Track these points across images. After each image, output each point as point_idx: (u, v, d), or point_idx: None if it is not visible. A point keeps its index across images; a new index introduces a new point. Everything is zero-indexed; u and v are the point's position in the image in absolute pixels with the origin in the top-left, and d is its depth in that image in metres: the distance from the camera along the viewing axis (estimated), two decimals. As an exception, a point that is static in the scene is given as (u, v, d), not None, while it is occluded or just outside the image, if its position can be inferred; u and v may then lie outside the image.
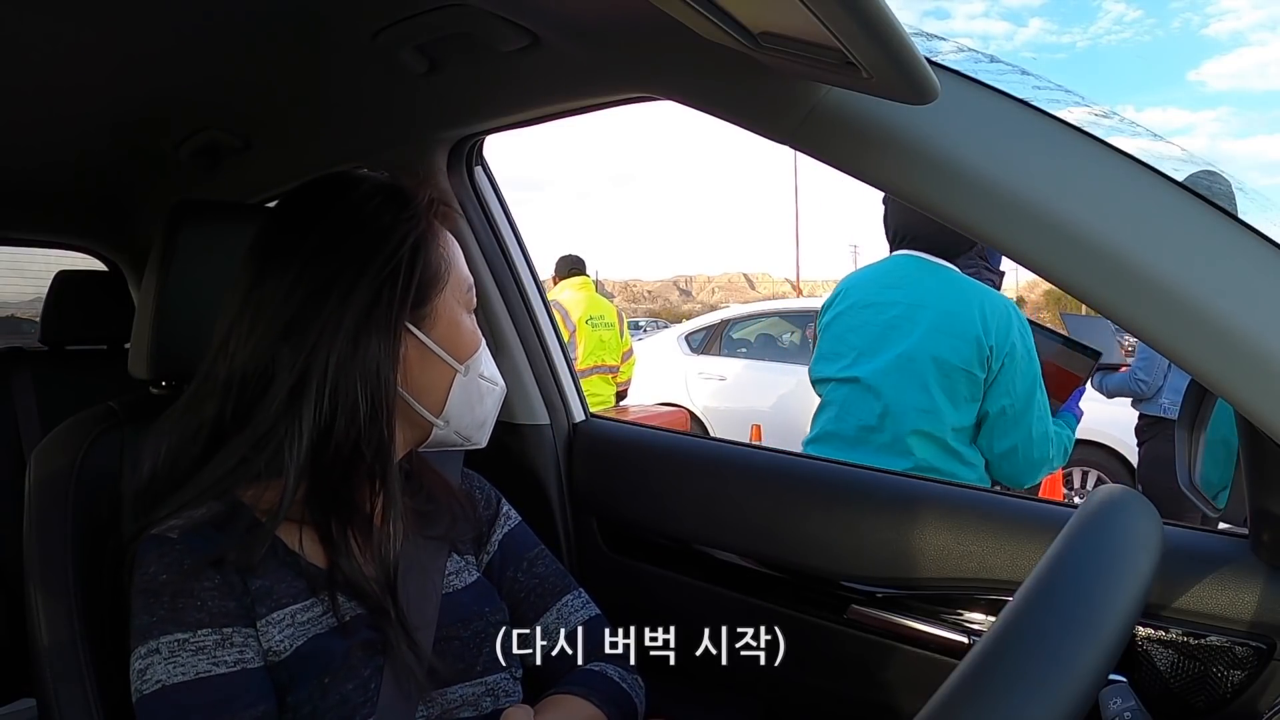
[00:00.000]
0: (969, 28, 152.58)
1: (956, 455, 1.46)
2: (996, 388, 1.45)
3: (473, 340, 0.82)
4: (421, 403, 0.80)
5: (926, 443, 1.46)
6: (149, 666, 0.68)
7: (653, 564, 1.16)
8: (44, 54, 0.99)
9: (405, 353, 0.77)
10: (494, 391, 0.86)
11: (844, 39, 0.51)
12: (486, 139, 1.20)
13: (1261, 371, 0.56)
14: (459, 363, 0.80)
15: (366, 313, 0.74)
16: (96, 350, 1.85)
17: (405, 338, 0.77)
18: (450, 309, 0.80)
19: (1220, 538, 0.82)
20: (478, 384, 0.83)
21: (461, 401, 0.81)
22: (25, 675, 0.84)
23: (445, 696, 0.78)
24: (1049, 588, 0.51)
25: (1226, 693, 0.76)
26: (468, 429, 0.83)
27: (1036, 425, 1.45)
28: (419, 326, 0.78)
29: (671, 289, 58.65)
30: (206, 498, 0.74)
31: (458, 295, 0.81)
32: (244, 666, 0.70)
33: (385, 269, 0.75)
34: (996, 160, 0.63)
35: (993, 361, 1.44)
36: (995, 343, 1.43)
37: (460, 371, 0.81)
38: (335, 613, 0.74)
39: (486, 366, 0.84)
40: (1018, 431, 1.45)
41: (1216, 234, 0.59)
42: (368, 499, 0.77)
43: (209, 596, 0.70)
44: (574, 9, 0.80)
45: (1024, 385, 1.44)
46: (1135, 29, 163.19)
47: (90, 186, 1.62)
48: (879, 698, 0.98)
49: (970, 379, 1.44)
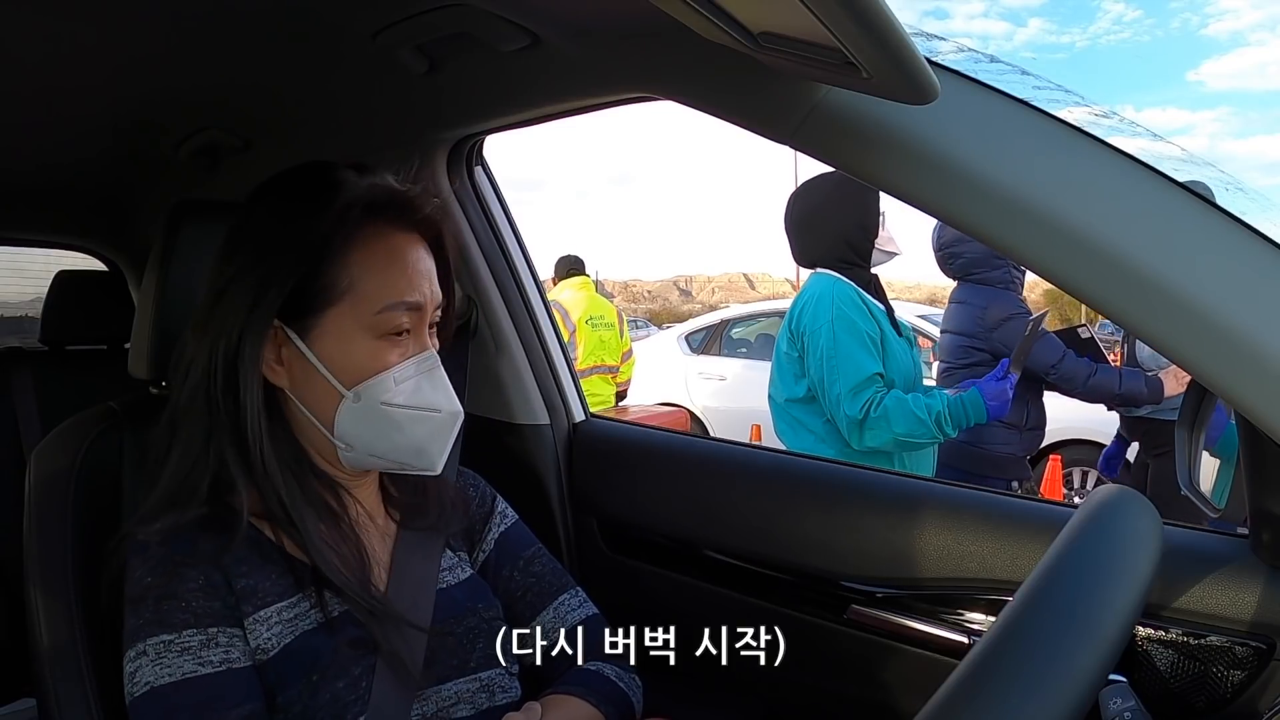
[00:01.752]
0: (968, 28, 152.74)
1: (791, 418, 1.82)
2: (806, 363, 1.75)
3: (367, 365, 0.75)
4: (315, 417, 0.77)
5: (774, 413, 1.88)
6: (138, 669, 0.69)
7: (653, 564, 1.16)
8: (44, 54, 0.99)
9: (289, 357, 0.76)
10: (429, 419, 0.78)
11: (844, 39, 0.51)
12: (486, 139, 1.20)
13: (1261, 371, 0.56)
14: (345, 387, 0.75)
15: (249, 311, 0.74)
16: (96, 350, 1.85)
17: (285, 342, 0.76)
18: (343, 327, 0.75)
19: (1220, 538, 0.82)
20: (381, 412, 0.76)
21: (359, 427, 0.76)
22: (25, 675, 0.84)
23: (440, 693, 0.78)
24: (1049, 588, 0.51)
25: (1226, 693, 0.76)
26: (391, 454, 0.78)
27: (830, 390, 1.69)
28: (303, 337, 0.75)
29: (671, 289, 58.62)
30: (181, 503, 0.74)
31: (360, 317, 0.75)
32: (230, 666, 0.70)
33: (274, 270, 0.74)
34: (996, 160, 0.63)
35: (799, 342, 1.77)
36: (797, 327, 1.76)
37: (348, 397, 0.75)
38: (321, 609, 0.74)
39: (408, 394, 0.76)
40: (824, 398, 1.72)
41: (1216, 234, 0.59)
42: (331, 497, 0.78)
43: (193, 598, 0.71)
44: (574, 9, 0.80)
45: (813, 360, 1.71)
46: (1134, 29, 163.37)
47: (90, 187, 1.62)
48: (879, 698, 0.98)
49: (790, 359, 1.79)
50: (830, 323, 1.69)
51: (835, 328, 1.69)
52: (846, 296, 1.72)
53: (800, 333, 1.76)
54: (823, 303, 1.72)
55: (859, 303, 1.73)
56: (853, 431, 1.67)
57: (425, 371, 0.78)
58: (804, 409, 1.79)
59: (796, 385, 1.79)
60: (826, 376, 1.69)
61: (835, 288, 1.73)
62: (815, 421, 1.77)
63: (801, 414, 1.80)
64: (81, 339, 1.84)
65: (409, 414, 0.77)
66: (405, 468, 0.80)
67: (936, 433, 1.66)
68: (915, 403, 1.65)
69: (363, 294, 0.75)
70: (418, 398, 0.77)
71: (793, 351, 1.79)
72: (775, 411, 1.90)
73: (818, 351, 1.71)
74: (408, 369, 0.77)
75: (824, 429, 1.76)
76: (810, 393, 1.76)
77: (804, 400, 1.79)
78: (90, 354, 1.85)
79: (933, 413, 1.64)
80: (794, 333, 1.79)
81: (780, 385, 1.85)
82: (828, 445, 1.75)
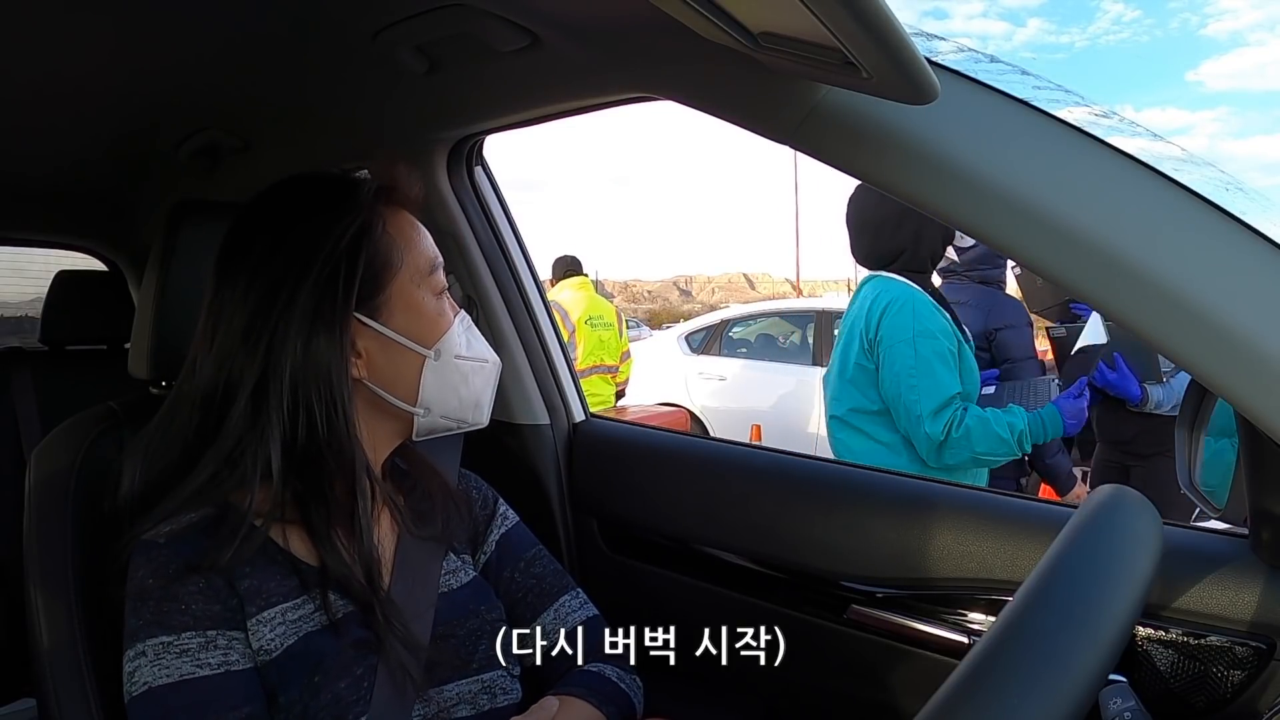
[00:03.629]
0: (967, 28, 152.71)
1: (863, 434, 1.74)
2: (880, 377, 1.69)
3: (439, 323, 0.80)
4: (394, 394, 0.79)
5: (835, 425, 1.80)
6: (137, 669, 0.69)
7: (653, 564, 1.16)
8: (44, 55, 0.99)
9: (365, 346, 0.77)
10: (482, 369, 0.83)
11: (844, 39, 0.51)
12: (486, 139, 1.20)
13: (1261, 371, 0.56)
14: (425, 348, 0.79)
15: (313, 312, 0.74)
16: (96, 350, 1.85)
17: (361, 331, 0.77)
18: (408, 294, 0.79)
19: (1220, 538, 0.82)
20: (454, 366, 0.80)
21: (439, 387, 0.80)
22: (25, 675, 0.84)
23: (441, 694, 0.78)
24: (1049, 588, 0.51)
25: (1226, 693, 0.76)
26: (457, 412, 0.82)
27: (911, 409, 1.63)
28: (375, 317, 0.77)
29: (671, 289, 58.61)
30: (193, 504, 0.74)
31: (417, 278, 0.79)
32: (228, 669, 0.70)
33: (327, 266, 0.75)
34: (996, 160, 0.63)
35: (873, 354, 1.70)
36: (873, 337, 1.69)
37: (430, 356, 0.79)
38: (326, 610, 0.74)
39: (466, 345, 0.82)
40: (899, 415, 1.67)
41: (1216, 234, 0.59)
42: (349, 496, 0.77)
43: (193, 600, 0.71)
44: (574, 9, 0.80)
45: (890, 374, 1.66)
46: (1133, 29, 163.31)
47: (90, 187, 1.62)
48: (879, 698, 0.98)
49: (862, 370, 1.72)
50: (913, 338, 1.63)
51: (918, 344, 1.63)
52: (927, 308, 1.66)
53: (877, 343, 1.68)
54: (903, 314, 1.66)
55: (938, 315, 1.68)
56: (931, 451, 1.63)
57: (468, 327, 0.83)
58: (874, 421, 1.73)
59: (868, 398, 1.72)
60: (906, 395, 1.63)
61: (915, 298, 1.68)
62: (886, 433, 1.71)
63: (870, 425, 1.73)
64: (81, 339, 1.84)
65: (472, 365, 0.82)
66: (463, 425, 0.84)
67: (1017, 450, 1.64)
68: (997, 422, 1.62)
69: (412, 260, 0.79)
70: (473, 349, 0.83)
71: (868, 363, 1.71)
72: (835, 421, 1.81)
73: (898, 367, 1.64)
74: (460, 324, 0.82)
75: (897, 441, 1.70)
76: (884, 406, 1.70)
77: (876, 413, 1.72)
78: (90, 354, 1.85)
79: (1015, 431, 1.62)
80: (870, 343, 1.70)
81: (846, 396, 1.76)
82: (898, 456, 1.70)
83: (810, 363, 5.43)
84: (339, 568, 0.75)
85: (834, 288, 35.09)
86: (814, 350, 5.52)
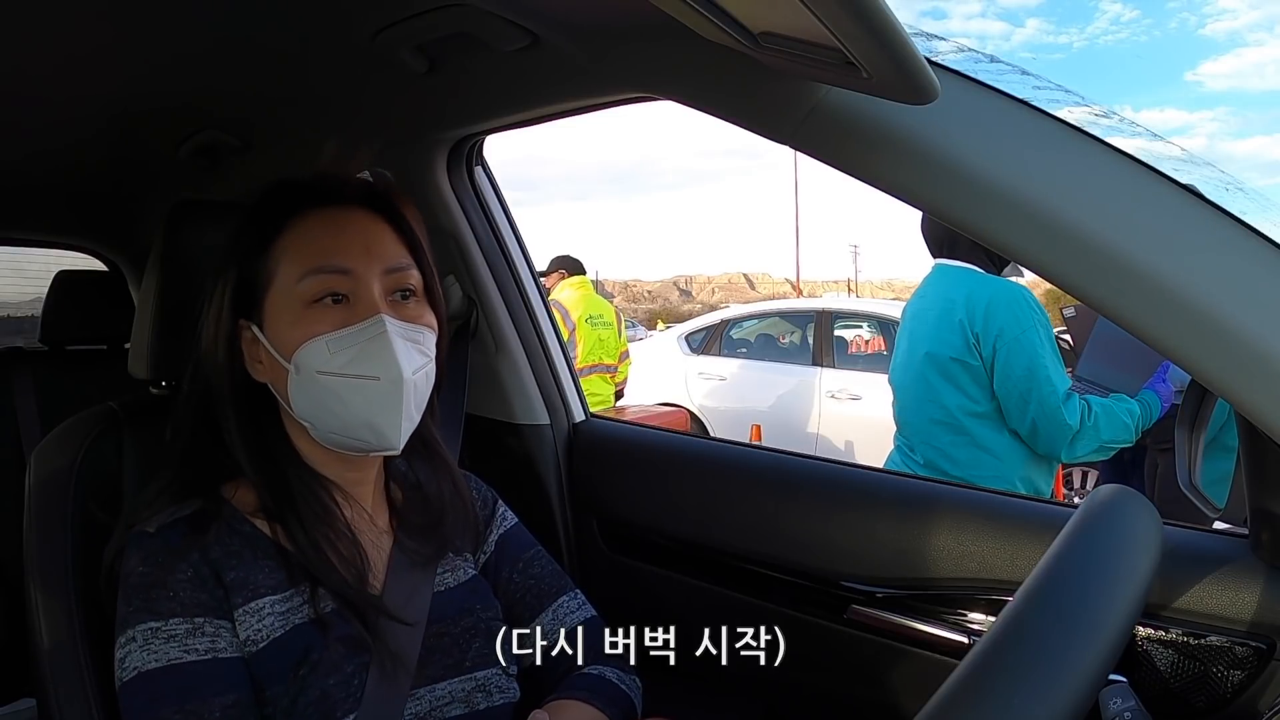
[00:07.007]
0: (966, 28, 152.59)
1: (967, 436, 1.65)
2: (996, 372, 1.60)
3: (300, 334, 0.74)
4: (287, 403, 0.78)
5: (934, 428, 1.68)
6: (127, 655, 0.70)
7: (653, 564, 1.16)
8: (44, 55, 0.99)
9: (261, 353, 0.78)
10: (365, 387, 0.73)
11: (844, 39, 0.51)
12: (486, 139, 1.20)
13: (1261, 371, 0.56)
14: (285, 360, 0.75)
15: (217, 316, 0.78)
16: (96, 350, 1.85)
17: (250, 338, 0.78)
18: (279, 305, 0.76)
19: (1220, 538, 0.82)
20: (321, 382, 0.73)
21: (308, 403, 0.75)
22: (25, 675, 0.84)
23: (433, 692, 0.78)
24: (1049, 588, 0.51)
25: (1226, 693, 0.76)
26: (345, 431, 0.75)
27: (1049, 400, 1.56)
28: (261, 327, 0.77)
29: (671, 289, 58.61)
30: (183, 497, 0.77)
31: (290, 290, 0.75)
32: (216, 655, 0.71)
33: (224, 271, 0.78)
34: (996, 160, 0.63)
35: (982, 348, 1.61)
36: (981, 330, 1.61)
37: (290, 369, 0.74)
38: (313, 605, 0.74)
39: (332, 360, 0.73)
40: (1029, 408, 1.58)
41: (1216, 234, 0.59)
42: (325, 496, 0.79)
43: (181, 588, 0.72)
44: (574, 9, 0.80)
45: (1020, 366, 1.57)
46: (1132, 29, 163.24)
47: (90, 187, 1.62)
48: (879, 698, 0.98)
49: (965, 366, 1.63)
50: (1036, 327, 1.58)
51: (1041, 334, 1.58)
52: (1035, 301, 1.61)
53: (992, 336, 1.59)
54: (1019, 305, 1.60)
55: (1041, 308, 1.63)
56: (1065, 444, 1.57)
57: (371, 338, 0.73)
58: (982, 425, 1.64)
59: (971, 398, 1.63)
60: (1041, 386, 1.56)
61: (1021, 292, 1.63)
62: (994, 438, 1.64)
63: (979, 429, 1.64)
64: (81, 339, 1.84)
65: (345, 382, 0.73)
66: (368, 447, 0.77)
67: (1134, 438, 1.62)
68: (1119, 408, 1.60)
69: (289, 269, 0.76)
70: (355, 365, 0.73)
71: (973, 359, 1.61)
72: (919, 431, 1.71)
73: (1028, 358, 1.57)
74: (346, 336, 0.73)
75: (1006, 446, 1.63)
76: (990, 407, 1.62)
77: (983, 415, 1.63)
78: (90, 354, 1.85)
79: (1134, 417, 1.61)
80: (976, 336, 1.60)
81: (947, 395, 1.66)
82: (1008, 464, 1.63)
83: (810, 363, 5.43)
84: (320, 564, 0.75)
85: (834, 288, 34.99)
86: (814, 350, 5.52)
